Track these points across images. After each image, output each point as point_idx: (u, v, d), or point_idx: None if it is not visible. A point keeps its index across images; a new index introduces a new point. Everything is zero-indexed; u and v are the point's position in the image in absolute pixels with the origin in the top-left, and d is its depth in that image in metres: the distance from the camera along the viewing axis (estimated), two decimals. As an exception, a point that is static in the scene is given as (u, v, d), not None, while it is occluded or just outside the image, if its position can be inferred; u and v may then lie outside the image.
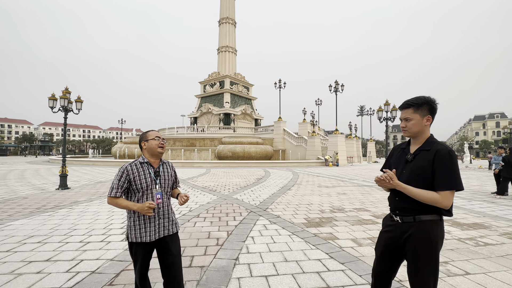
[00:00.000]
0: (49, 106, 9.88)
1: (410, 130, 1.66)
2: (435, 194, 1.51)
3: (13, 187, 9.89)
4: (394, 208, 1.71)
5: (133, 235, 1.91)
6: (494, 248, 3.72)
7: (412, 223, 1.60)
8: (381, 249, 1.77)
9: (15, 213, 5.68)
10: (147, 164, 2.00)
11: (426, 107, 1.63)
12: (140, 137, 2.08)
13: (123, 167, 1.94)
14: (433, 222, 1.58)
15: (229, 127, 34.77)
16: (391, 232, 1.72)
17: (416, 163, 1.63)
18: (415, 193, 1.55)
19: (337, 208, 6.33)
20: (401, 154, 1.77)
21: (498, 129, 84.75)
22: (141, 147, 2.04)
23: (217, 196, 7.86)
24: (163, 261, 1.99)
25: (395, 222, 1.70)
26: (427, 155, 1.59)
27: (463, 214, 5.77)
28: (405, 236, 1.62)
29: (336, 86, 28.30)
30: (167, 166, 2.13)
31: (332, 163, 25.13)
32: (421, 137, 1.67)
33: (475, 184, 11.40)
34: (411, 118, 1.65)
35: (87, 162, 26.42)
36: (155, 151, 2.00)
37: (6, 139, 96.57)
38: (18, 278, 2.79)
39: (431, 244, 1.56)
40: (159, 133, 2.06)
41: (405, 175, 1.64)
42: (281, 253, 3.51)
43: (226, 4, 42.00)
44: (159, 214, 1.98)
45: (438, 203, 1.50)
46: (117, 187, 1.88)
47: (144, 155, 2.04)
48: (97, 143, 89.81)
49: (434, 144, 1.61)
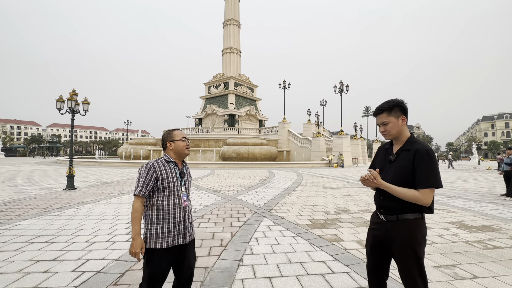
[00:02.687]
0: (57, 107, 10.04)
1: (390, 132, 1.73)
2: (416, 192, 1.57)
3: (22, 187, 10.08)
4: (379, 207, 1.78)
5: (153, 240, 1.76)
6: (504, 251, 3.63)
7: (395, 221, 1.66)
8: (370, 246, 1.84)
9: (23, 213, 5.79)
10: (173, 163, 1.90)
11: (398, 109, 1.70)
12: (164, 136, 1.96)
13: (149, 163, 1.81)
14: (415, 220, 1.64)
15: (234, 128, 34.83)
16: (376, 230, 1.80)
17: (398, 163, 1.69)
18: (398, 191, 1.61)
19: (342, 210, 6.28)
20: (385, 154, 1.83)
21: (508, 129, 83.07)
22: (165, 147, 1.94)
23: (221, 197, 7.87)
24: (180, 267, 1.89)
25: (380, 220, 1.77)
26: (408, 154, 1.65)
27: (471, 216, 5.66)
28: (389, 234, 1.69)
29: (341, 87, 28.13)
30: (187, 167, 2.06)
31: (337, 164, 24.96)
32: (402, 137, 1.73)
33: (484, 186, 11.18)
34: (387, 122, 1.72)
35: (93, 163, 26.76)
36: (182, 152, 1.93)
37: (15, 140, 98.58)
38: (26, 277, 2.84)
39: (414, 242, 1.62)
40: (184, 133, 1.98)
41: (389, 175, 1.70)
42: (285, 254, 3.50)
43: (230, 5, 42.22)
44: (186, 218, 1.88)
45: (419, 201, 1.56)
46: (144, 185, 1.76)
47: (168, 154, 1.93)
48: (103, 144, 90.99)
49: (414, 144, 1.67)
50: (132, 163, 25.03)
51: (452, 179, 14.32)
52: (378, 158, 1.89)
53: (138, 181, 1.79)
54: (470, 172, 19.63)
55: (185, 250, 1.89)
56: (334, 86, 28.68)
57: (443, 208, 6.43)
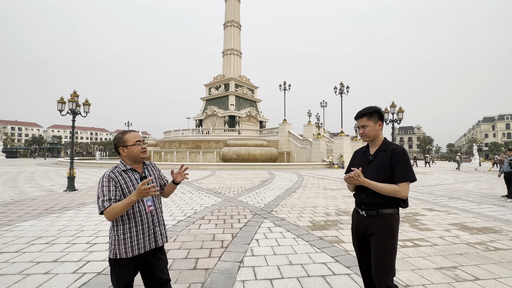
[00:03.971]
0: (58, 109, 10.07)
1: (368, 134, 1.94)
2: (395, 186, 1.77)
3: (23, 188, 10.10)
4: (360, 203, 1.95)
5: (123, 250, 1.65)
6: (505, 253, 3.62)
7: (376, 216, 1.84)
8: (357, 244, 1.99)
9: (24, 214, 5.79)
10: (130, 170, 1.76)
11: (376, 115, 1.92)
12: (116, 141, 1.78)
13: (105, 175, 1.67)
14: (393, 215, 1.83)
15: (234, 130, 34.86)
16: (358, 226, 1.95)
17: (377, 162, 1.89)
18: (379, 187, 1.79)
19: (343, 211, 6.27)
20: (363, 156, 2.02)
21: (509, 130, 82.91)
22: (118, 153, 1.77)
23: (222, 198, 7.87)
24: (151, 277, 1.77)
25: (361, 216, 1.93)
26: (385, 154, 1.86)
27: (473, 218, 5.65)
28: (371, 228, 1.85)
29: (341, 88, 28.15)
30: (151, 168, 1.91)
31: (337, 166, 24.93)
32: (378, 140, 1.95)
33: (485, 187, 11.15)
34: (367, 125, 1.93)
35: (94, 164, 26.79)
36: (137, 157, 1.77)
37: (16, 141, 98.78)
38: (27, 278, 2.84)
39: (392, 234, 1.81)
40: (139, 135, 1.81)
41: (369, 174, 1.88)
42: (286, 256, 3.49)
43: (231, 7, 42.38)
44: (154, 222, 1.78)
45: (398, 194, 1.76)
46: (108, 197, 1.60)
47: (124, 161, 1.78)
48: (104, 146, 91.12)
49: (389, 145, 1.89)
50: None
51: (453, 180, 14.28)
52: (356, 160, 2.07)
53: (102, 195, 1.60)
54: (471, 173, 19.58)
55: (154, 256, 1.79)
56: (334, 88, 28.70)
57: (444, 210, 6.41)
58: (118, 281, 1.68)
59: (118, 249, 1.66)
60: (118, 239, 1.67)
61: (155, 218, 1.80)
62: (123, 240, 1.67)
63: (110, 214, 1.58)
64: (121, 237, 1.67)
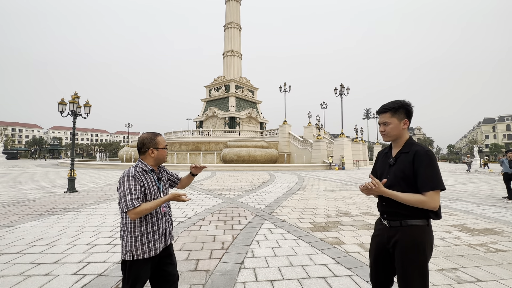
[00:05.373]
0: (59, 110, 10.09)
1: (389, 134, 1.68)
2: (421, 196, 1.50)
3: (23, 190, 10.10)
4: (382, 212, 1.71)
5: (140, 251, 1.67)
6: (506, 254, 3.61)
7: (399, 227, 1.59)
8: (374, 254, 1.76)
9: (25, 216, 5.79)
10: (151, 171, 1.82)
11: (403, 111, 1.65)
12: (146, 141, 1.81)
13: (130, 174, 1.68)
14: (420, 227, 1.55)
15: (235, 131, 34.88)
16: (379, 236, 1.72)
17: (397, 166, 1.64)
18: (402, 198, 1.53)
19: (343, 213, 6.26)
20: (385, 158, 1.79)
21: (509, 132, 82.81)
22: (144, 151, 1.81)
23: (222, 200, 7.86)
24: (161, 274, 1.81)
25: (384, 226, 1.70)
26: (407, 157, 1.60)
27: (473, 219, 5.64)
28: (393, 241, 1.60)
29: (342, 90, 28.18)
30: (162, 169, 1.99)
31: (338, 167, 24.92)
32: (401, 140, 1.69)
33: (486, 189, 11.13)
34: (389, 122, 1.67)
35: (94, 165, 26.80)
36: (163, 161, 1.88)
37: (17, 142, 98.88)
38: (27, 279, 2.84)
39: (418, 250, 1.52)
40: (165, 140, 1.93)
41: (389, 179, 1.65)
42: (286, 257, 3.49)
43: (231, 9, 42.52)
44: (166, 222, 1.86)
45: (426, 205, 1.48)
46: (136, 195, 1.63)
47: (146, 161, 1.81)
48: (104, 147, 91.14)
49: (412, 146, 1.62)
50: (133, 165, 25.03)
51: (454, 181, 14.26)
52: (379, 163, 1.85)
53: (129, 193, 1.62)
54: (472, 175, 19.57)
55: (167, 253, 1.86)
56: (334, 89, 28.73)
57: (445, 211, 6.40)
58: (136, 282, 1.68)
59: (135, 250, 1.67)
60: (136, 240, 1.68)
61: (168, 219, 1.89)
62: (140, 240, 1.69)
63: (136, 213, 1.60)
64: (139, 238, 1.69)
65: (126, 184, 1.65)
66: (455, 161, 65.30)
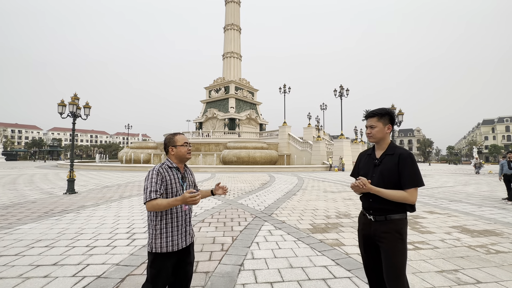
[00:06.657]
0: (58, 112, 10.09)
1: (375, 136, 1.90)
2: (404, 192, 1.74)
3: (22, 191, 10.08)
4: (367, 208, 1.91)
5: (159, 245, 1.79)
6: (506, 256, 3.61)
7: (384, 221, 1.81)
8: (363, 247, 1.96)
9: (24, 217, 5.78)
10: (176, 169, 1.93)
11: (388, 117, 1.88)
12: (166, 141, 1.98)
13: (154, 169, 1.83)
14: (401, 220, 1.80)
15: (234, 132, 34.90)
16: (365, 230, 1.93)
17: (383, 166, 1.85)
18: (387, 194, 1.76)
19: (343, 214, 6.26)
20: (369, 159, 1.99)
21: (508, 133, 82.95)
22: (167, 151, 1.97)
23: (222, 201, 7.85)
24: (178, 272, 1.91)
25: (369, 220, 1.90)
26: (391, 158, 1.83)
27: (473, 220, 5.63)
28: (378, 233, 1.82)
29: (341, 91, 28.25)
30: (189, 171, 2.08)
31: (337, 168, 24.92)
32: (384, 143, 1.92)
33: (485, 190, 11.13)
34: (375, 126, 1.89)
35: (94, 167, 26.77)
36: (184, 157, 1.96)
37: (16, 144, 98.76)
38: (26, 281, 2.82)
39: (401, 239, 1.77)
40: (186, 138, 2.00)
41: (375, 178, 1.86)
42: (286, 259, 3.48)
43: (231, 10, 42.66)
44: (186, 221, 1.93)
45: (407, 200, 1.73)
46: (155, 189, 1.74)
47: (170, 159, 1.96)
48: (104, 148, 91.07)
49: (396, 149, 1.85)
50: (132, 167, 25.03)
51: (453, 183, 14.27)
52: (361, 163, 2.04)
53: (145, 188, 1.77)
54: (471, 176, 19.58)
55: (187, 252, 1.94)
56: (334, 90, 28.80)
57: (445, 212, 6.40)
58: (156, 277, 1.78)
59: (154, 243, 1.80)
60: (155, 233, 1.81)
61: (188, 218, 1.96)
62: (160, 234, 1.80)
63: (152, 205, 1.71)
64: (158, 231, 1.81)
65: (149, 178, 1.79)
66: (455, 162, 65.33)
